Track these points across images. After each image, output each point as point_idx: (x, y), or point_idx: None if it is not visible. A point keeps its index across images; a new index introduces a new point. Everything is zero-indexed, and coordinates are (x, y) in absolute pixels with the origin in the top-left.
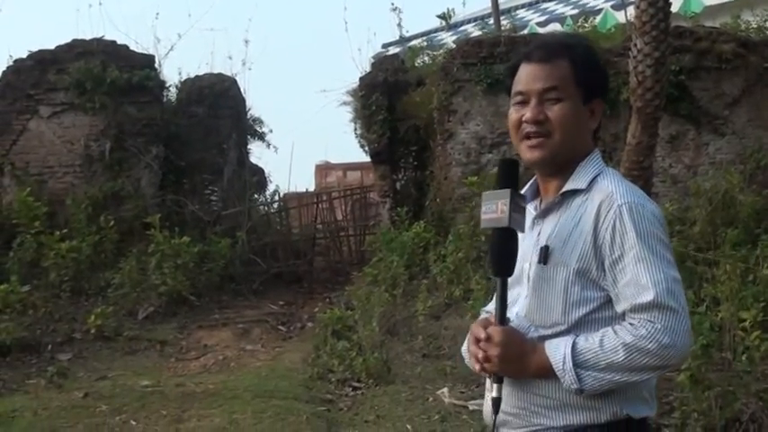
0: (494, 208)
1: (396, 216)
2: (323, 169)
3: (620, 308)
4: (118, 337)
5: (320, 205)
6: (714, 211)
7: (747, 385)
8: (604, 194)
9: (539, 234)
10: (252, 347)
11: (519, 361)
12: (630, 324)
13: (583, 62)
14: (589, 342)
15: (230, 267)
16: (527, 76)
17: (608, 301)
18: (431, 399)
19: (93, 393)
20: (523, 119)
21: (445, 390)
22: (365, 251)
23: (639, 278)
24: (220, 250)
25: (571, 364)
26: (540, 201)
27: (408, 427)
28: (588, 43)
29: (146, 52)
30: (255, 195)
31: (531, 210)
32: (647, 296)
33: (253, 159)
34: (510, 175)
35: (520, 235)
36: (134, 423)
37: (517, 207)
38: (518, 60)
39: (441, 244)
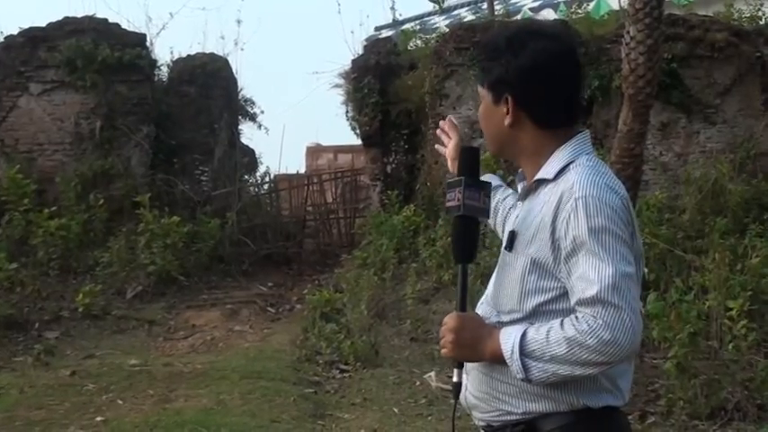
0: (453, 196)
1: (386, 199)
2: (314, 151)
3: (572, 301)
4: (106, 316)
5: (311, 187)
6: (703, 200)
7: (733, 374)
8: (566, 186)
9: (516, 218)
10: (240, 328)
11: (473, 347)
12: (576, 318)
13: (485, 65)
14: (538, 333)
15: (220, 248)
16: None
17: (565, 293)
18: (418, 382)
19: (81, 372)
20: None
21: (432, 374)
22: (355, 234)
23: (588, 273)
24: (210, 231)
25: (518, 353)
26: None
27: (395, 410)
28: (493, 38)
29: (137, 31)
30: (246, 176)
31: (520, 191)
32: (591, 291)
33: (244, 140)
34: (469, 162)
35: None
36: (121, 402)
37: (473, 195)
38: None
39: (430, 228)
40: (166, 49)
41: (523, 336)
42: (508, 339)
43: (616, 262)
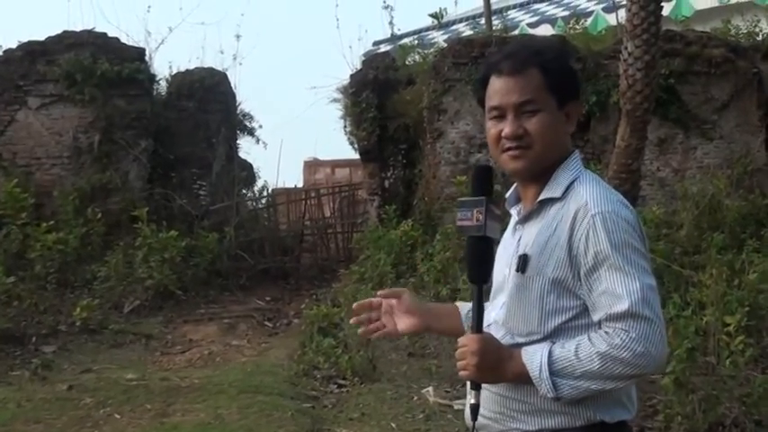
0: (469, 215)
1: (384, 214)
2: (311, 166)
3: (595, 317)
4: (103, 330)
5: (308, 202)
6: (701, 216)
7: (731, 390)
8: (579, 203)
9: (519, 241)
10: (237, 343)
11: (495, 369)
12: (605, 333)
13: (553, 68)
14: (565, 350)
15: (217, 262)
16: (500, 90)
17: (585, 310)
18: (416, 398)
19: (78, 386)
20: (503, 134)
21: (430, 389)
22: (353, 249)
23: (614, 288)
24: (208, 245)
25: (548, 372)
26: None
27: (393, 425)
28: (557, 46)
29: (136, 45)
30: (244, 191)
31: (514, 215)
32: (622, 305)
33: (242, 154)
34: (485, 182)
35: (503, 240)
36: (118, 416)
37: (492, 215)
38: (487, 72)
39: (428, 243)
40: (165, 64)
41: (550, 354)
42: (533, 359)
43: (640, 275)
